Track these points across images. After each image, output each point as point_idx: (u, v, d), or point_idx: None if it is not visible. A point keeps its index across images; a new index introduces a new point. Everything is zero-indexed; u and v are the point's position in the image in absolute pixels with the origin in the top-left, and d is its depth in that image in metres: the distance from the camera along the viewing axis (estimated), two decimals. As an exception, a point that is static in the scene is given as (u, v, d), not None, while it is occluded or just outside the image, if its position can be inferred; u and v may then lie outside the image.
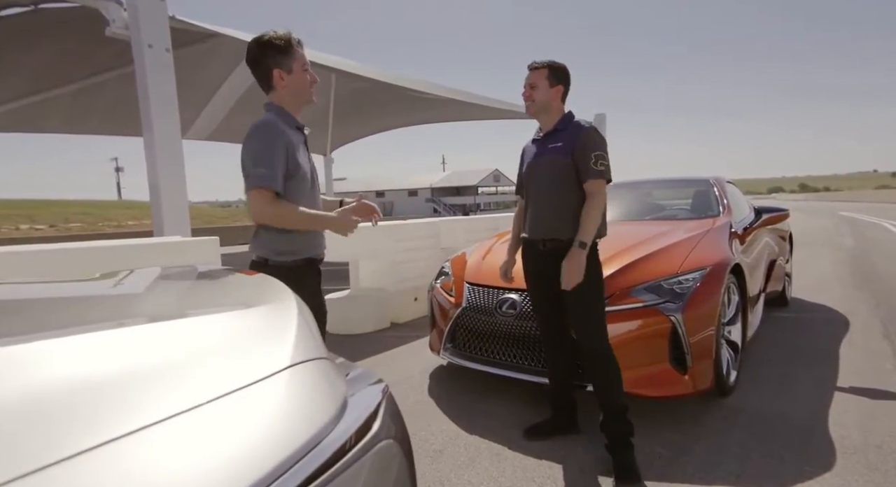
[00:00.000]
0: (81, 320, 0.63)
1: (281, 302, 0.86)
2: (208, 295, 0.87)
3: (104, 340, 0.57)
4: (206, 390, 0.54)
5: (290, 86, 1.67)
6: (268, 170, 1.56)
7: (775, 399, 2.62)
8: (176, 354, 0.60)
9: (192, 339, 0.64)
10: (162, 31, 4.44)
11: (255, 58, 1.65)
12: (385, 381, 0.79)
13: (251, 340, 0.69)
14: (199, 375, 0.57)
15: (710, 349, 2.40)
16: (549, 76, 2.11)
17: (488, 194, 62.65)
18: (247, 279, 1.02)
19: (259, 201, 1.58)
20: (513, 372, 2.64)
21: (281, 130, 1.62)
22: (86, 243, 3.14)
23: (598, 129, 2.13)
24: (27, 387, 0.46)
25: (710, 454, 2.10)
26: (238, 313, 0.77)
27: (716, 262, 2.60)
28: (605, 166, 2.08)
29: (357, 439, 0.62)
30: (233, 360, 0.62)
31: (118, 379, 0.52)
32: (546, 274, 2.13)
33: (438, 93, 11.91)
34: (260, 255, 1.73)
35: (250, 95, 11.33)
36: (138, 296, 0.86)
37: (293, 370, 0.65)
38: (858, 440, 2.16)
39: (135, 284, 0.97)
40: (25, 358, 0.50)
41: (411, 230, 4.93)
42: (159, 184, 4.46)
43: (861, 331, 3.74)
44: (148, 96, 4.34)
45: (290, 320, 0.78)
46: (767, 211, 3.80)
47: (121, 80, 9.40)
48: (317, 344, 0.77)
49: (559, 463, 2.09)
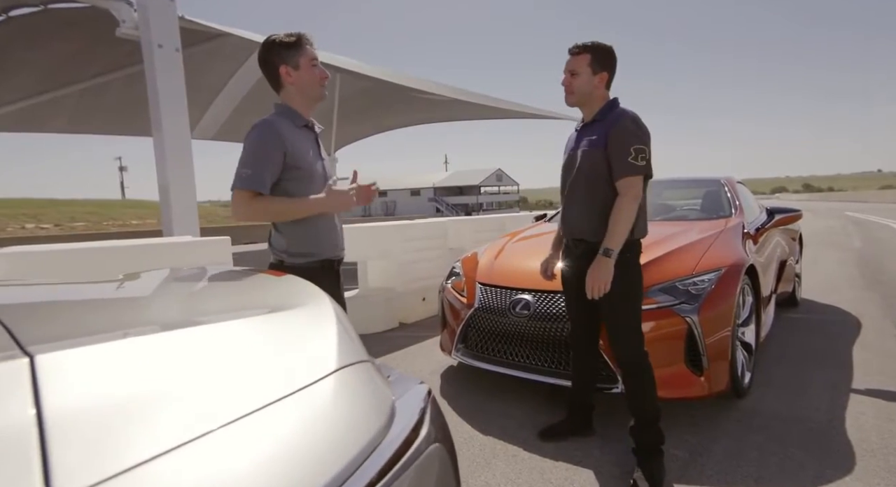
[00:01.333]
0: (131, 322, 0.63)
1: (316, 303, 0.86)
2: (244, 297, 0.87)
3: (162, 343, 0.56)
4: (260, 395, 0.54)
5: (297, 83, 1.66)
6: (251, 171, 1.56)
7: (791, 401, 2.60)
8: (227, 358, 0.60)
9: (239, 343, 0.64)
10: (172, 32, 4.45)
11: (263, 57, 1.66)
12: (426, 383, 0.78)
13: (294, 343, 0.69)
14: (251, 380, 0.57)
15: (725, 350, 2.38)
16: (592, 62, 1.91)
17: (491, 194, 62.62)
18: (276, 280, 1.01)
19: (236, 202, 1.59)
20: (526, 372, 2.63)
21: (276, 131, 1.60)
22: (97, 243, 3.15)
23: (639, 119, 1.92)
24: (109, 386, 0.46)
25: (728, 456, 2.09)
26: (276, 316, 0.76)
27: (731, 263, 2.59)
28: (646, 161, 1.88)
29: (408, 444, 0.61)
30: (282, 364, 0.62)
31: (181, 382, 0.52)
32: (577, 276, 2.06)
33: (442, 92, 11.91)
34: (276, 257, 1.73)
35: (255, 94, 11.36)
36: (174, 299, 0.86)
37: (340, 373, 0.64)
38: (877, 443, 2.14)
39: (167, 286, 0.97)
40: (104, 359, 0.50)
41: (419, 230, 4.93)
42: (169, 184, 4.46)
43: (874, 333, 3.72)
44: (157, 96, 4.35)
45: (329, 322, 0.77)
46: (780, 211, 3.78)
47: (127, 80, 9.43)
48: (357, 346, 0.77)
49: (575, 465, 2.08)
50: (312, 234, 1.69)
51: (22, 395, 0.42)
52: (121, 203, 39.22)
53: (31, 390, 0.43)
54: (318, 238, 1.71)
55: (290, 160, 1.60)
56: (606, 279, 1.85)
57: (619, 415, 2.36)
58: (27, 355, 0.46)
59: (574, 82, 1.95)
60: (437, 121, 17.63)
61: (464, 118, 17.08)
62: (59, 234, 18.21)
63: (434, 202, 55.36)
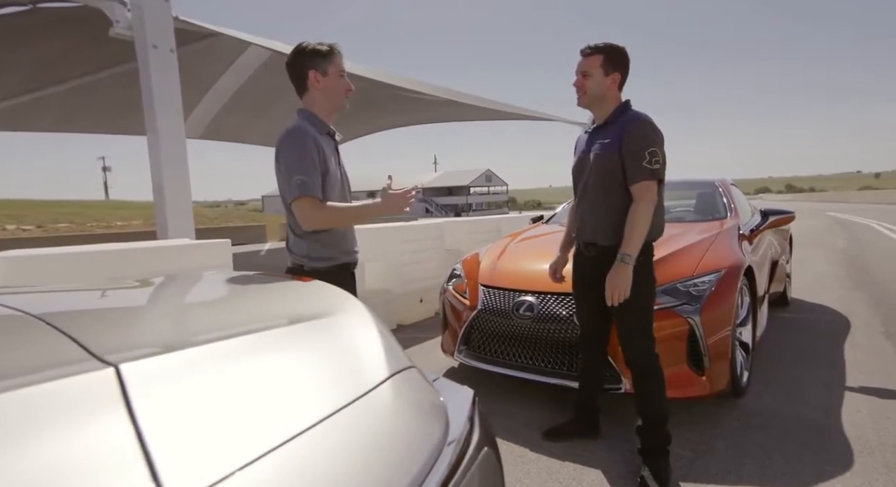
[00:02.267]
0: (191, 330, 0.63)
1: (353, 309, 0.87)
2: (283, 304, 0.87)
3: (229, 351, 0.57)
4: (329, 401, 0.55)
5: (323, 89, 1.69)
6: (305, 177, 1.57)
7: (788, 399, 2.66)
8: (289, 365, 0.60)
9: (296, 351, 0.65)
10: (166, 32, 4.40)
11: (293, 61, 1.68)
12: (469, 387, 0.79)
13: (345, 350, 0.70)
14: (317, 386, 0.58)
15: (726, 350, 2.43)
16: (605, 63, 1.90)
17: (480, 194, 62.77)
18: (308, 287, 1.02)
19: (304, 210, 1.60)
20: (530, 374, 2.65)
21: (311, 135, 1.64)
22: (95, 247, 3.10)
23: (653, 122, 1.91)
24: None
25: (731, 455, 2.13)
26: (321, 323, 0.77)
27: (730, 265, 2.64)
28: (660, 164, 1.86)
29: (465, 448, 0.62)
30: (341, 370, 0.63)
31: (255, 389, 0.53)
32: (588, 279, 2.08)
33: (435, 93, 11.91)
34: (295, 262, 1.74)
35: (243, 94, 11.25)
36: (218, 305, 0.86)
37: (395, 379, 0.65)
38: (874, 440, 2.20)
39: (201, 292, 0.97)
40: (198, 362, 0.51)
41: (416, 231, 4.93)
42: (163, 186, 4.41)
43: (863, 332, 3.82)
44: (152, 97, 4.30)
45: (372, 328, 0.78)
46: (774, 213, 3.86)
47: (115, 79, 9.29)
48: (400, 351, 0.78)
49: (583, 465, 2.11)
50: (333, 239, 1.71)
51: (116, 405, 0.43)
52: (105, 203, 38.53)
53: (122, 400, 0.43)
54: (338, 242, 1.72)
55: (322, 166, 1.62)
56: (626, 285, 1.86)
57: (625, 415, 2.39)
58: (110, 365, 0.46)
59: (586, 83, 1.95)
60: (429, 122, 17.61)
61: (455, 119, 17.08)
62: (42, 236, 17.83)
63: (424, 202, 55.34)
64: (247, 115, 12.96)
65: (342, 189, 1.76)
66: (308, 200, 1.58)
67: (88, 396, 0.42)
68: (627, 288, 1.86)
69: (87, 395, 0.42)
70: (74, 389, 0.42)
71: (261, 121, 13.32)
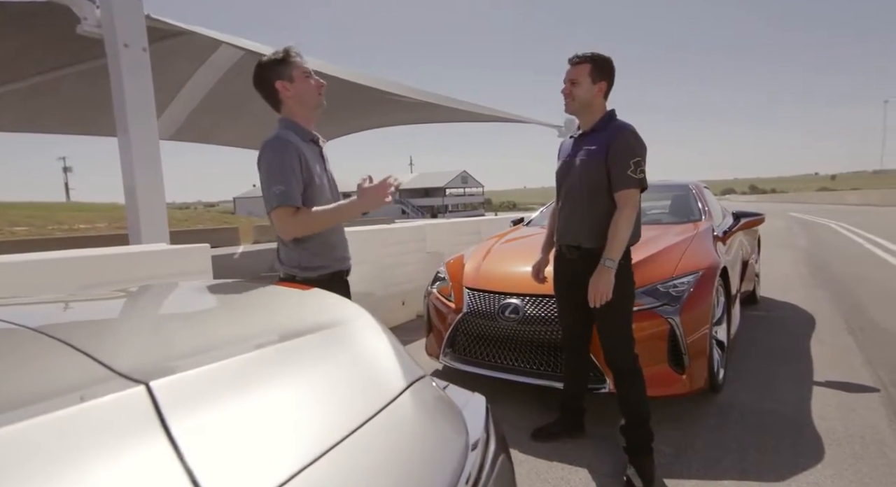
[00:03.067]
0: (211, 344, 0.62)
1: (360, 318, 0.87)
2: (290, 314, 0.86)
3: (253, 364, 0.57)
4: (355, 413, 0.55)
5: (295, 95, 1.68)
6: (284, 187, 1.57)
7: (762, 394, 2.77)
8: (310, 378, 0.60)
9: (314, 363, 0.64)
10: (138, 30, 4.27)
11: (258, 77, 1.67)
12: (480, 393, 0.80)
13: (364, 360, 0.70)
14: (341, 398, 0.58)
15: (705, 349, 2.51)
16: (592, 71, 1.97)
17: (456, 195, 62.95)
18: (309, 295, 1.01)
19: (283, 219, 1.59)
20: (516, 375, 2.68)
21: (291, 144, 1.62)
22: (63, 253, 2.97)
23: (637, 133, 2.00)
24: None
25: (711, 450, 2.21)
26: (331, 332, 0.77)
27: (707, 266, 2.73)
28: (643, 173, 1.95)
29: (484, 455, 0.63)
30: (362, 381, 0.63)
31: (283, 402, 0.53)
32: (571, 281, 2.13)
33: (409, 95, 11.90)
34: (287, 272, 1.72)
35: (215, 95, 11.00)
36: (228, 317, 0.84)
37: (413, 389, 0.66)
38: (842, 432, 2.31)
39: (201, 301, 0.95)
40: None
41: (398, 234, 4.93)
42: (136, 188, 4.28)
43: (828, 328, 4.00)
44: (124, 97, 4.16)
45: (382, 337, 0.79)
46: (745, 215, 4.01)
47: (79, 78, 8.95)
48: (412, 360, 0.78)
49: (570, 465, 2.15)
50: (323, 247, 1.70)
51: (152, 425, 0.42)
52: (66, 206, 37.03)
53: (158, 419, 0.43)
54: (329, 250, 1.71)
55: (306, 174, 1.61)
56: (608, 288, 1.93)
57: (609, 415, 2.44)
58: (140, 383, 0.46)
59: (574, 91, 2.01)
60: (404, 124, 17.57)
61: (431, 121, 17.09)
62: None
63: (400, 204, 55.18)
64: (219, 116, 12.66)
65: (330, 195, 1.75)
66: (285, 210, 1.57)
67: (124, 417, 0.42)
68: (610, 291, 1.93)
69: (122, 416, 0.41)
70: (109, 410, 0.41)
71: (233, 122, 13.04)
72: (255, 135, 14.64)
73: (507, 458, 0.69)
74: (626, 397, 2.09)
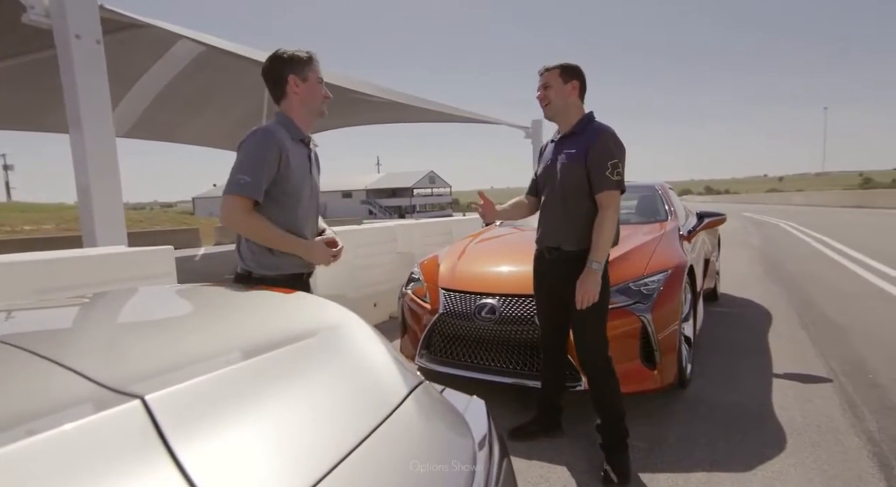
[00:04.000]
0: (200, 354, 0.58)
1: (351, 321, 0.84)
2: (277, 319, 0.82)
3: (245, 374, 0.53)
4: (361, 423, 0.53)
5: (302, 94, 1.67)
6: (250, 178, 1.53)
7: (726, 388, 2.88)
8: (307, 389, 0.58)
9: (309, 373, 0.62)
10: (91, 21, 4.05)
11: (272, 67, 1.65)
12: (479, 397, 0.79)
13: (363, 368, 0.67)
14: (345, 409, 0.56)
15: (675, 345, 2.59)
16: (562, 73, 2.02)
17: (424, 196, 62.87)
18: (294, 298, 0.97)
19: (233, 209, 1.55)
20: (493, 375, 2.68)
21: (277, 139, 1.59)
22: (12, 256, 2.78)
23: (616, 135, 2.03)
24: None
25: (683, 443, 2.27)
26: (326, 338, 0.74)
27: (675, 264, 2.81)
28: (621, 175, 1.99)
29: (490, 459, 0.62)
30: (365, 389, 0.61)
31: (282, 415, 0.50)
32: (550, 282, 2.15)
33: (377, 94, 11.80)
34: (244, 268, 1.67)
35: (173, 91, 10.58)
36: (216, 324, 0.79)
37: (414, 395, 0.64)
38: (801, 422, 2.43)
39: (179, 306, 0.89)
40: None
41: (369, 235, 4.86)
42: (89, 187, 4.05)
43: (783, 323, 4.20)
44: (76, 92, 3.94)
45: (377, 343, 0.76)
46: (709, 215, 4.16)
47: (24, 70, 8.44)
48: (408, 366, 0.77)
49: (549, 463, 2.16)
50: None
51: (151, 440, 0.39)
52: (7, 206, 34.81)
53: (157, 434, 0.39)
54: (288, 253, 1.66)
55: (283, 172, 1.58)
56: (595, 290, 1.97)
57: (586, 414, 2.48)
58: (135, 397, 0.42)
59: (549, 94, 2.05)
60: (371, 123, 17.43)
61: (398, 121, 17.02)
62: (-68, 243, 15.75)
63: (367, 204, 54.65)
64: (177, 113, 12.18)
65: (308, 200, 1.71)
66: (241, 200, 1.54)
67: (123, 433, 0.38)
68: (597, 293, 1.97)
69: (121, 432, 0.38)
70: (108, 426, 0.38)
71: (193, 119, 12.59)
72: (216, 133, 14.17)
73: (509, 461, 0.68)
74: (600, 396, 2.12)
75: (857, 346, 3.52)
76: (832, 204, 28.91)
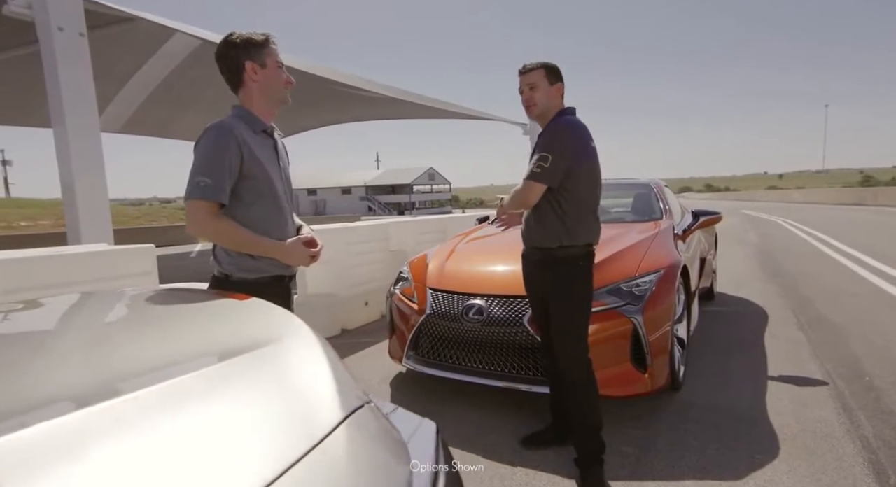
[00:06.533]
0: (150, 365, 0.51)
1: (300, 335, 0.77)
2: (221, 329, 0.76)
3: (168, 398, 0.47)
4: (285, 451, 0.46)
5: (262, 81, 1.55)
6: (211, 180, 1.43)
7: (719, 391, 2.82)
8: (236, 410, 0.51)
9: (241, 392, 0.55)
10: (75, 13, 3.96)
11: (224, 52, 1.53)
12: (431, 419, 0.73)
13: (295, 389, 0.60)
14: (270, 435, 0.49)
15: (666, 347, 2.52)
16: (548, 75, 1.99)
17: (423, 192, 62.74)
18: (246, 306, 0.90)
19: (198, 214, 1.45)
20: (481, 378, 2.62)
21: (234, 135, 1.48)
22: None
23: (568, 129, 1.95)
24: None
25: (672, 448, 2.21)
26: (264, 352, 0.67)
27: (668, 264, 2.74)
28: (542, 168, 1.91)
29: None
30: (295, 413, 0.54)
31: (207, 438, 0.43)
32: (537, 283, 2.10)
33: (376, 90, 11.69)
34: (221, 271, 1.58)
35: (169, 86, 10.48)
36: (135, 338, 0.72)
37: (351, 420, 0.57)
38: (795, 427, 2.37)
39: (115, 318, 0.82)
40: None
41: (361, 233, 4.79)
42: (74, 184, 3.97)
43: (779, 323, 4.14)
44: (59, 86, 3.85)
45: (322, 359, 0.70)
46: (704, 214, 4.09)
47: (9, 64, 8.34)
48: (353, 384, 0.70)
49: (534, 469, 2.10)
50: None
51: None
52: (5, 202, 34.74)
53: None
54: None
55: (247, 168, 1.48)
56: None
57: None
58: None
59: (535, 95, 2.00)
60: (370, 119, 17.33)
61: (398, 117, 16.92)
62: (-73, 239, 15.66)
63: (366, 200, 54.55)
64: (173, 109, 12.07)
65: (282, 192, 1.62)
66: (204, 204, 1.44)
67: None
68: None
69: None
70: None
71: (189, 114, 12.48)
72: (211, 128, 14.06)
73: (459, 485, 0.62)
74: (575, 407, 2.02)
75: (853, 347, 3.46)
76: (832, 201, 28.84)
